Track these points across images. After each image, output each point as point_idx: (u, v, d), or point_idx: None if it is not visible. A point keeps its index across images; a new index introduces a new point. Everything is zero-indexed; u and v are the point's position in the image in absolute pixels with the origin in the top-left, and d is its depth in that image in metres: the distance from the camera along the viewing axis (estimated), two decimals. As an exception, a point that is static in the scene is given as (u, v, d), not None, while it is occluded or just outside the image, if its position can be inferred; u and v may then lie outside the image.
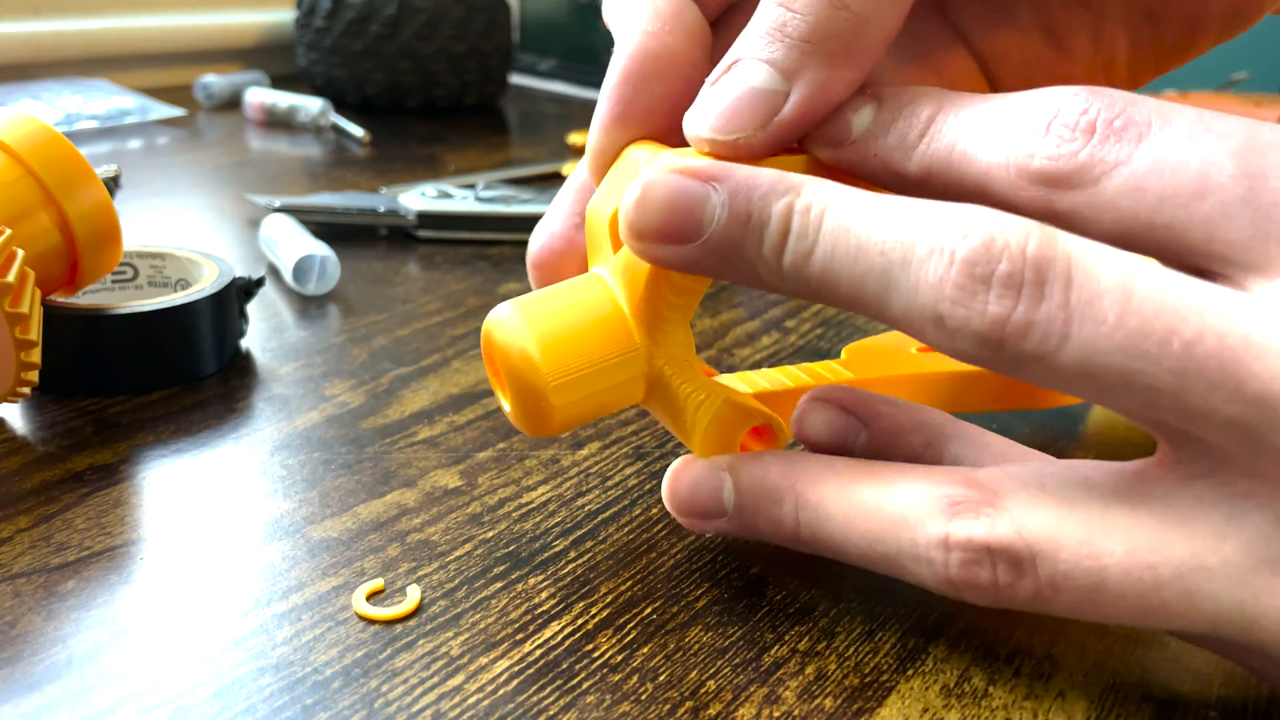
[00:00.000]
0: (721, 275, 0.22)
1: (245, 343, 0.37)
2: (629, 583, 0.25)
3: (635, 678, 0.22)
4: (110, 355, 0.33)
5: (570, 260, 0.27)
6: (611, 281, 0.24)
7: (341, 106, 0.78)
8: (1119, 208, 0.19)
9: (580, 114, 0.84)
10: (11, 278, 0.27)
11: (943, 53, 0.26)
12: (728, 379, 0.30)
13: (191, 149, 0.66)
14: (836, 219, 0.20)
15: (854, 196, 0.20)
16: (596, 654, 0.23)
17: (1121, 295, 0.18)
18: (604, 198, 0.25)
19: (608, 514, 0.28)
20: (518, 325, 0.23)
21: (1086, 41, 0.25)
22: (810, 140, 0.23)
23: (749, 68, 0.22)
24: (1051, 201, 0.20)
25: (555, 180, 0.62)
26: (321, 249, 0.43)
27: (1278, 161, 0.18)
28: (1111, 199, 0.19)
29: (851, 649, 0.23)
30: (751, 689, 0.22)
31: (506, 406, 0.25)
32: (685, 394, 0.24)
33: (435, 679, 0.22)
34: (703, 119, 0.22)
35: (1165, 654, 0.23)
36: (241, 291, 0.36)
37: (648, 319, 0.24)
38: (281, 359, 0.36)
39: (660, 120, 0.24)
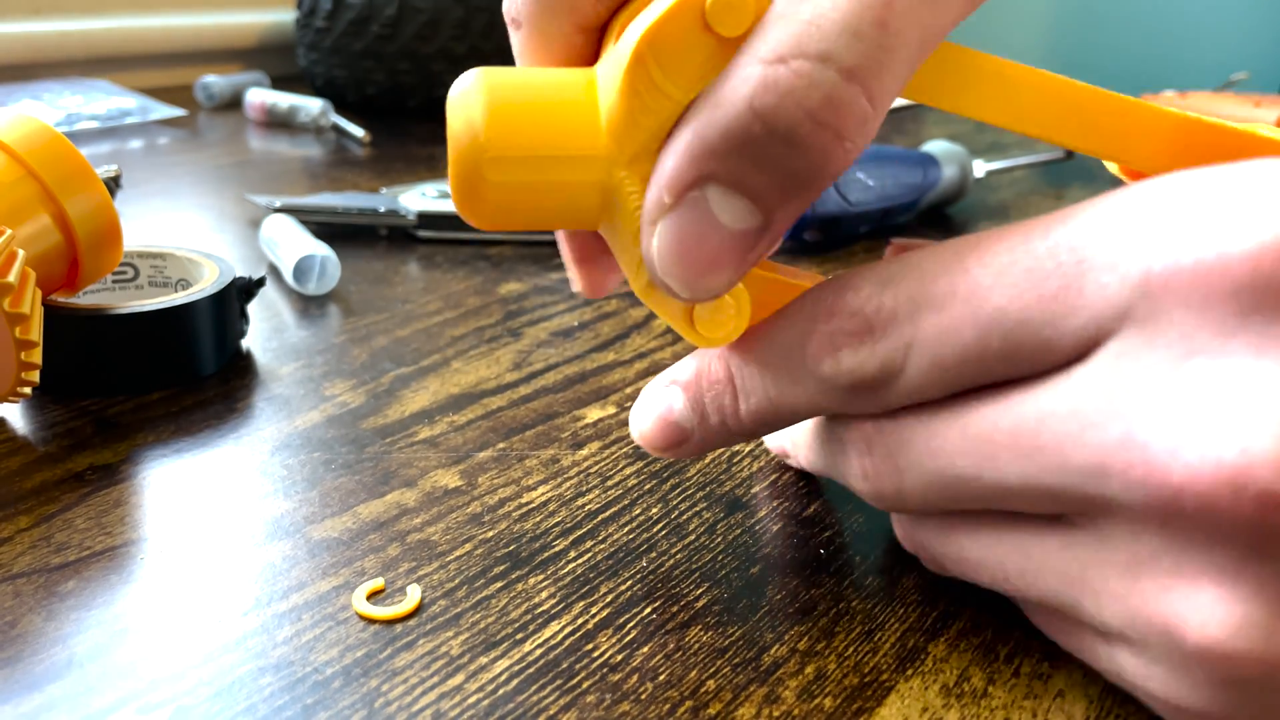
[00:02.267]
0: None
1: (246, 343, 0.37)
2: (629, 582, 0.25)
3: (635, 677, 0.22)
4: (111, 355, 0.33)
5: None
6: (601, 76, 0.21)
7: (342, 107, 0.78)
8: None
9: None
10: (12, 278, 0.27)
11: None
12: None
13: (192, 149, 0.66)
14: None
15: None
16: (596, 653, 0.23)
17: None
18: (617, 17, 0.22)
19: (608, 514, 0.28)
20: (475, 88, 0.21)
21: None
22: None
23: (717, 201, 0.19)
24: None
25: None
26: (322, 249, 0.43)
27: None
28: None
29: (851, 649, 0.23)
30: (751, 688, 0.22)
31: (450, 183, 0.22)
32: (633, 213, 0.21)
33: (435, 678, 0.22)
34: (668, 272, 0.20)
35: (1165, 654, 0.23)
36: (242, 291, 0.36)
37: (620, 118, 0.20)
38: (282, 359, 0.36)
39: None
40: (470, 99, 0.21)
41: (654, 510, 0.28)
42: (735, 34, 0.19)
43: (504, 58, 0.82)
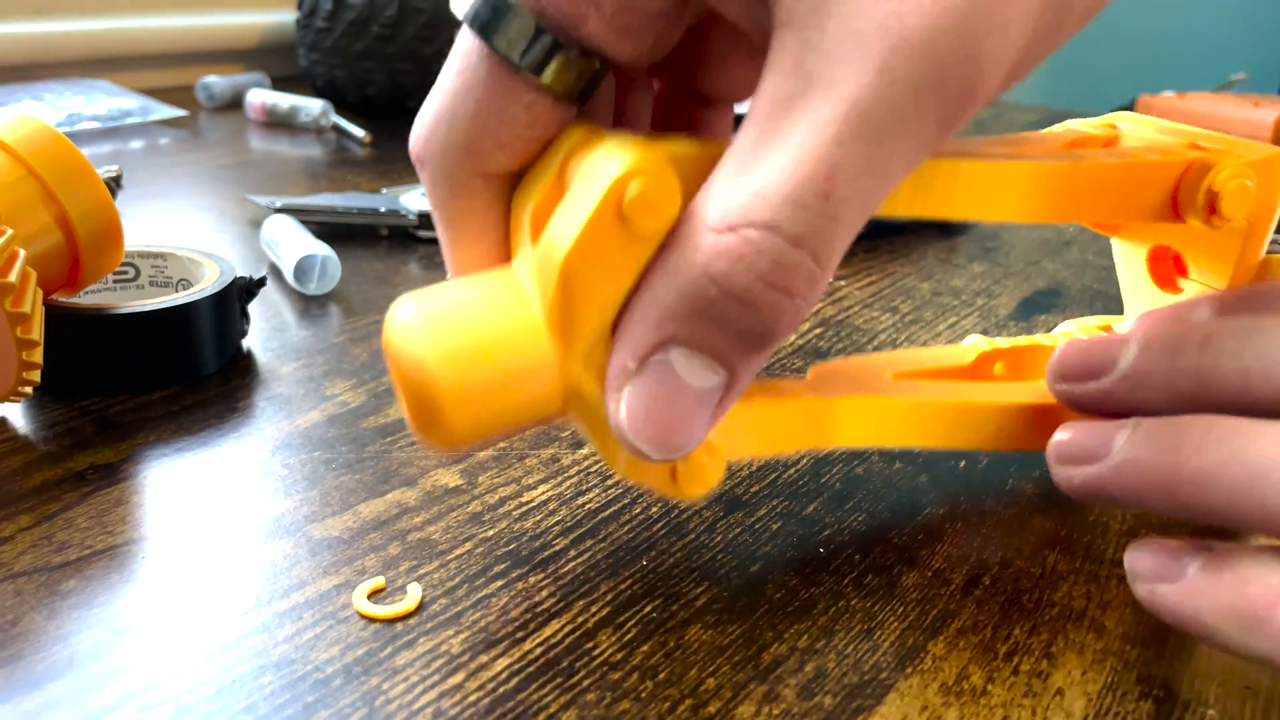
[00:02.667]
0: None
1: (246, 342, 0.37)
2: (629, 581, 0.25)
3: (635, 675, 0.22)
4: (112, 355, 0.33)
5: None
6: (527, 281, 0.21)
7: (342, 107, 0.78)
8: None
9: (581, 114, 0.84)
10: (13, 278, 0.27)
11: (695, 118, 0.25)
12: None
13: (193, 150, 0.66)
14: None
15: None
16: (596, 652, 0.23)
17: None
18: (534, 182, 0.22)
19: (608, 513, 0.28)
20: (415, 328, 0.21)
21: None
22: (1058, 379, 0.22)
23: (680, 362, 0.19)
24: None
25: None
26: (322, 249, 0.43)
27: None
28: None
29: (850, 647, 0.23)
30: (751, 687, 0.22)
31: (405, 415, 0.22)
32: (602, 407, 0.21)
33: (436, 677, 0.22)
34: (638, 435, 0.20)
35: (1164, 652, 0.23)
36: (243, 291, 0.36)
37: (562, 325, 0.21)
38: (282, 358, 0.36)
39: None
40: (412, 336, 0.21)
41: (654, 509, 0.28)
42: (656, 229, 0.20)
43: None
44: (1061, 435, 0.23)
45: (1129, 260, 0.31)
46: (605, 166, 0.20)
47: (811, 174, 0.18)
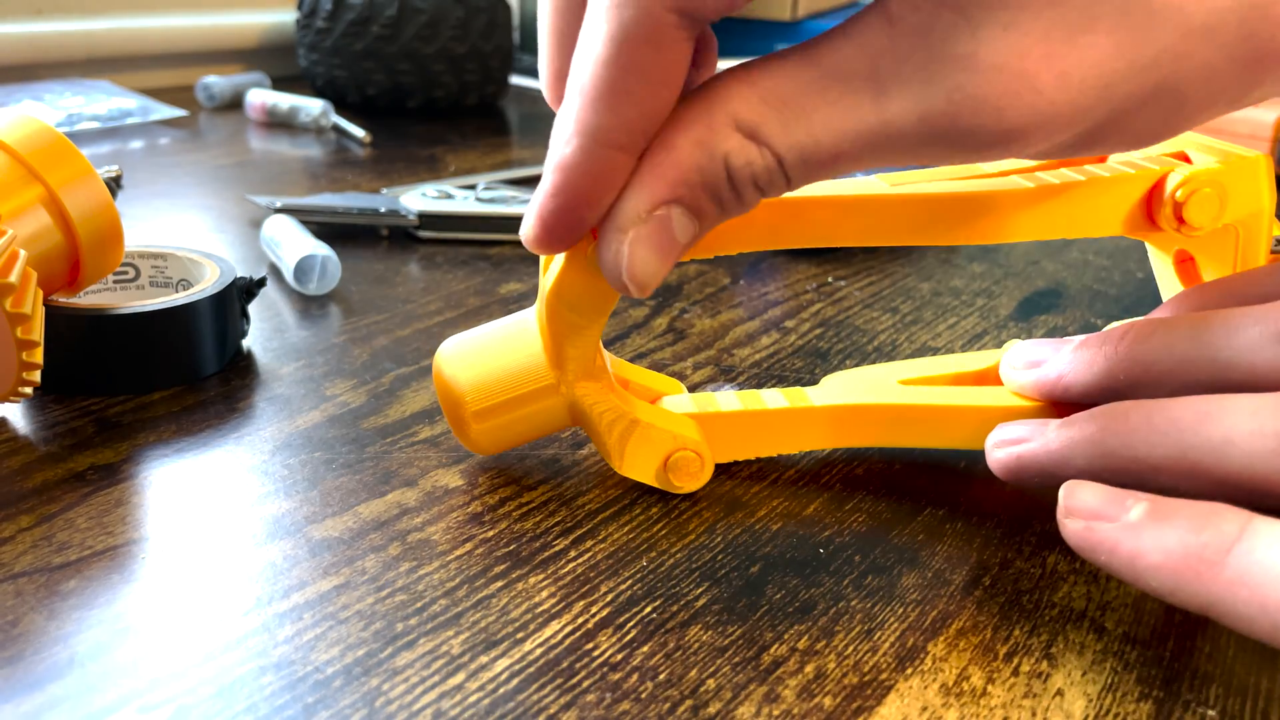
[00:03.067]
0: None
1: (246, 343, 0.37)
2: (629, 582, 0.25)
3: (635, 676, 0.22)
4: (112, 355, 0.33)
5: None
6: (537, 318, 0.28)
7: (342, 107, 0.78)
8: None
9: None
10: (14, 278, 0.27)
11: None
12: (683, 398, 0.30)
13: (193, 150, 0.66)
14: None
15: None
16: (597, 653, 0.23)
17: None
18: None
19: (608, 513, 0.28)
20: (450, 359, 0.28)
21: None
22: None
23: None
24: None
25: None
26: (323, 249, 0.43)
27: None
28: None
29: (850, 648, 0.23)
30: (751, 687, 0.22)
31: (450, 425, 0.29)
32: (598, 415, 0.27)
33: (436, 678, 0.22)
34: (629, 268, 0.23)
35: (1164, 653, 0.23)
36: (243, 292, 0.36)
37: (554, 351, 0.27)
38: (283, 359, 0.36)
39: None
40: (449, 367, 0.28)
41: (654, 509, 0.28)
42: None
43: (503, 58, 0.82)
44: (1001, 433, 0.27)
45: (1160, 264, 0.32)
46: None
47: (830, 149, 0.21)
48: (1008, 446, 0.26)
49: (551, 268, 0.26)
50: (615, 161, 0.22)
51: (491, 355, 0.28)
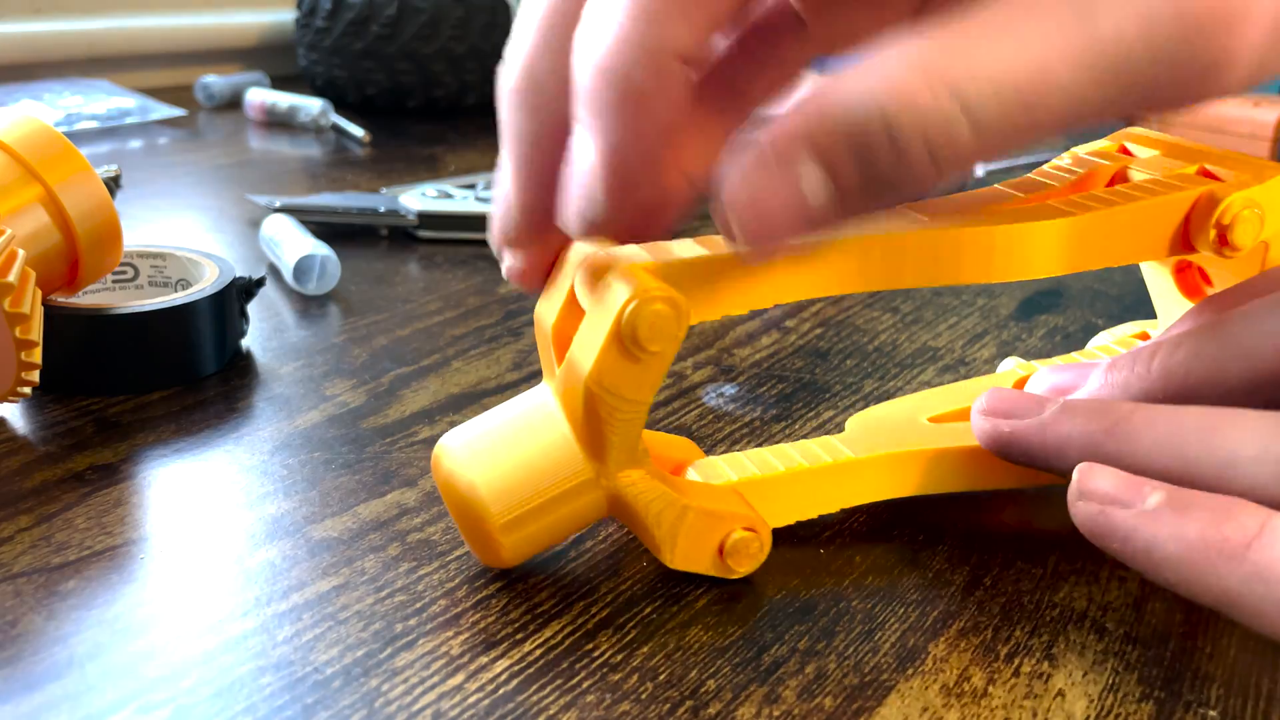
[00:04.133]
0: None
1: (246, 342, 0.37)
2: (629, 582, 0.25)
3: (635, 677, 0.22)
4: (111, 355, 0.33)
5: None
6: (554, 401, 0.24)
7: (342, 107, 0.78)
8: None
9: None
10: (12, 278, 0.27)
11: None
12: (711, 463, 0.26)
13: (192, 149, 0.66)
14: None
15: None
16: (596, 653, 0.23)
17: None
18: (550, 301, 0.24)
19: (608, 514, 0.28)
20: (461, 460, 0.24)
21: None
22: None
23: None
24: None
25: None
26: (322, 249, 0.43)
27: None
28: None
29: (851, 648, 0.23)
30: (751, 688, 0.22)
31: (464, 536, 0.25)
32: (645, 506, 0.24)
33: (436, 678, 0.22)
34: (738, 214, 0.20)
35: (1165, 654, 0.23)
36: (242, 291, 0.36)
37: (593, 441, 0.23)
38: (282, 359, 0.36)
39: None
40: (462, 472, 0.24)
41: (654, 510, 0.28)
42: (666, 349, 0.22)
43: (502, 58, 0.82)
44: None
45: (1156, 272, 0.31)
46: (613, 295, 0.22)
47: (1030, 84, 0.18)
48: (998, 418, 0.25)
49: (578, 347, 0.23)
50: (685, 78, 0.19)
51: (511, 450, 0.23)
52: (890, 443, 0.27)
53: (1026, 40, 0.18)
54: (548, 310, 0.24)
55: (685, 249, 0.23)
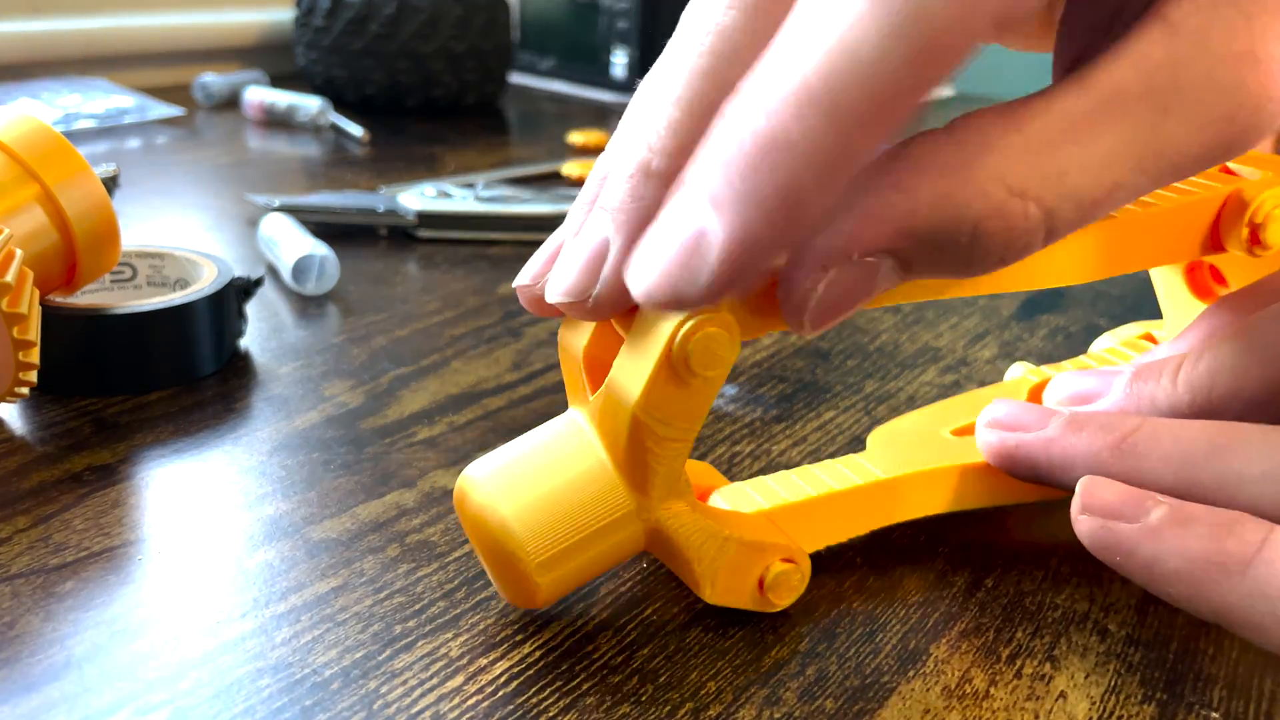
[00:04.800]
0: None
1: (244, 343, 0.37)
2: (629, 583, 0.25)
3: (635, 679, 0.22)
4: (109, 355, 0.33)
5: None
6: (589, 429, 0.22)
7: (341, 106, 0.77)
8: None
9: (580, 113, 0.84)
10: (10, 277, 0.27)
11: None
12: (739, 490, 0.25)
13: (190, 148, 0.66)
14: None
15: None
16: (596, 655, 0.23)
17: None
18: (568, 334, 0.23)
19: (608, 514, 0.28)
20: (489, 494, 0.22)
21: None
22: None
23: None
24: None
25: (555, 180, 0.62)
26: (321, 249, 0.43)
27: None
28: None
29: (852, 650, 0.23)
30: (752, 690, 0.22)
31: (492, 577, 0.23)
32: (686, 539, 0.22)
33: (435, 680, 0.22)
34: (816, 318, 0.20)
35: (1167, 655, 0.23)
36: (240, 291, 0.36)
37: (635, 472, 0.22)
38: (280, 359, 0.36)
39: None
40: (494, 507, 0.22)
41: (654, 511, 0.28)
42: (712, 375, 0.21)
43: (502, 56, 0.82)
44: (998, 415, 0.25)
45: (1164, 272, 0.31)
46: (661, 319, 0.20)
47: (1106, 196, 0.19)
48: (1003, 431, 0.25)
49: (621, 372, 0.21)
50: (861, 151, 0.17)
51: (545, 483, 0.22)
52: (918, 460, 0.26)
53: (1108, 151, 0.19)
54: (575, 335, 0.23)
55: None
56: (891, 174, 0.18)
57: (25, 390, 0.29)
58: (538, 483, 0.22)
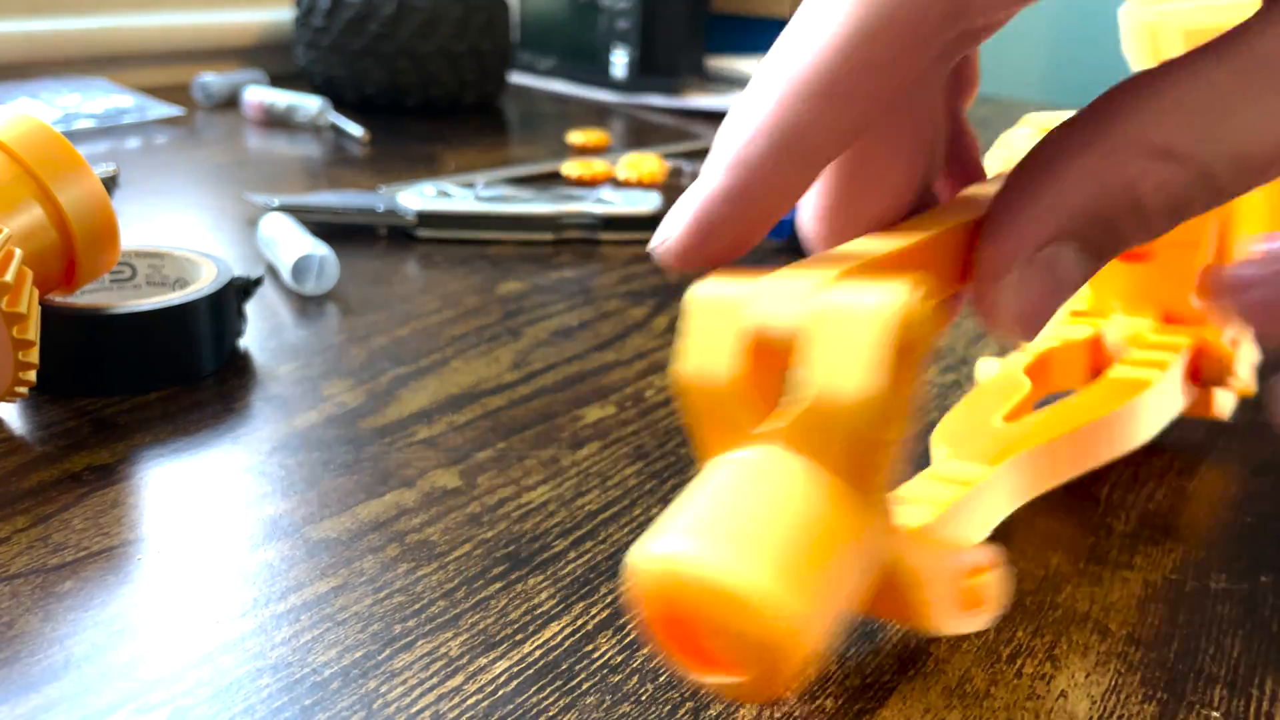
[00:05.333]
0: None
1: (243, 342, 0.37)
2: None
3: (635, 678, 0.22)
4: (108, 355, 0.33)
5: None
6: (792, 459, 0.17)
7: (340, 105, 0.77)
8: None
9: (580, 113, 0.84)
10: (9, 277, 0.27)
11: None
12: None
13: (190, 148, 0.66)
14: None
15: None
16: (597, 655, 0.22)
17: None
18: (702, 359, 0.19)
19: (608, 514, 0.28)
20: (724, 557, 0.16)
21: None
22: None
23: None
24: None
25: (555, 180, 0.62)
26: (320, 248, 0.42)
27: None
28: None
29: (853, 649, 0.23)
30: (752, 690, 0.22)
31: (715, 679, 0.17)
32: (909, 566, 0.19)
33: (434, 680, 0.21)
34: (1011, 327, 0.20)
35: (1167, 655, 0.23)
36: (240, 291, 0.36)
37: (864, 486, 0.17)
38: (280, 359, 0.36)
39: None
40: (732, 570, 0.16)
41: (654, 510, 0.28)
42: (923, 356, 0.17)
43: (501, 56, 0.82)
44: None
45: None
46: (862, 299, 0.17)
47: (1266, 156, 0.19)
48: (1261, 287, 0.23)
49: (824, 373, 0.17)
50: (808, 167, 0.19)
51: (773, 525, 0.16)
52: (1003, 451, 0.26)
53: (1263, 109, 0.19)
54: (704, 365, 0.18)
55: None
56: (1039, 164, 0.19)
57: (24, 390, 0.29)
58: (770, 530, 0.17)
